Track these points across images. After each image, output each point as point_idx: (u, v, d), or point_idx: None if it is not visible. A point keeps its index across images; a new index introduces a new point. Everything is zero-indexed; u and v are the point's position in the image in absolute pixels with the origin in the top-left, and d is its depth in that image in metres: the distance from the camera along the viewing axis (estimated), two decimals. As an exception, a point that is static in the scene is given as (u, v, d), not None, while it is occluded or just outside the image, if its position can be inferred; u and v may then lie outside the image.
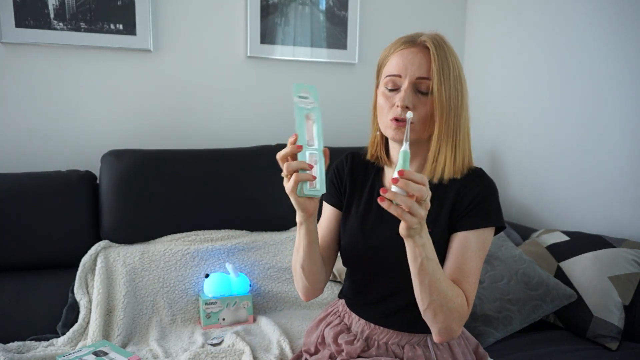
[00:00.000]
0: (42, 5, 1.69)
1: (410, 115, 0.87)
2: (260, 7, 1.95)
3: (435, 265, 0.89)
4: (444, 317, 0.92)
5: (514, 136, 2.08)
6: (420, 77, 0.96)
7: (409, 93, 0.96)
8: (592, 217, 1.77)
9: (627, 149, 1.65)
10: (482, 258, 0.99)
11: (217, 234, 1.70)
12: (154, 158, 1.69)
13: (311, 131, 0.90)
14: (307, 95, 0.91)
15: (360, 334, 1.09)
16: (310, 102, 0.90)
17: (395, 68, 0.98)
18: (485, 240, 0.99)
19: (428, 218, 1.00)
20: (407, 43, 0.99)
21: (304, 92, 0.90)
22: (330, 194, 1.15)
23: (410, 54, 0.97)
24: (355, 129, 2.11)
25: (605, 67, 1.70)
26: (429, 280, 0.89)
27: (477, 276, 0.98)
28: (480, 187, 0.99)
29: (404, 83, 0.97)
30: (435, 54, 0.94)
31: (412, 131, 0.96)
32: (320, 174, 0.88)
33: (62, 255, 1.59)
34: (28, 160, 1.75)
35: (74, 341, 1.39)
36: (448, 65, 0.95)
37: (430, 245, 0.88)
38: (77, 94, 1.80)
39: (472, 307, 0.99)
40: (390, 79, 0.98)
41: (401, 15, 2.20)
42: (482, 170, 1.04)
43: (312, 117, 0.90)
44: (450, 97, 0.95)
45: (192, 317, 1.56)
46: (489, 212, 0.98)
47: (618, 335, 1.43)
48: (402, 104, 0.95)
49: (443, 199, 1.01)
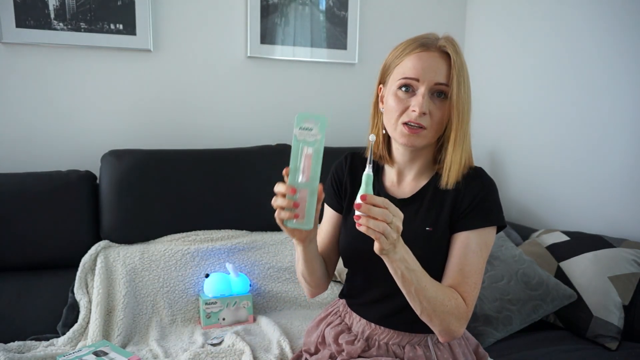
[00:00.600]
0: (43, 5, 1.69)
1: (373, 139, 0.89)
2: (260, 7, 1.96)
3: (418, 274, 0.90)
4: (440, 321, 0.94)
5: (514, 136, 2.08)
6: (439, 82, 0.96)
7: (427, 99, 0.96)
8: (592, 217, 1.77)
9: (627, 149, 1.65)
10: (485, 257, 0.99)
11: (217, 234, 1.70)
12: (154, 158, 1.69)
13: (307, 167, 0.88)
14: (312, 127, 0.88)
15: (361, 334, 1.09)
16: (313, 135, 0.87)
17: (413, 71, 0.96)
18: (487, 240, 0.99)
19: (429, 219, 1.01)
20: (425, 46, 0.97)
21: (308, 123, 0.87)
22: (330, 197, 1.15)
23: (429, 59, 0.96)
24: (355, 129, 2.11)
25: (606, 67, 1.70)
26: (415, 289, 0.90)
27: (479, 276, 0.98)
28: (480, 186, 0.99)
29: (420, 87, 0.96)
30: (456, 60, 0.95)
31: (425, 137, 0.97)
32: (309, 210, 0.88)
33: (62, 255, 1.59)
34: (28, 160, 1.75)
35: (74, 341, 1.39)
36: (464, 72, 0.96)
37: (409, 256, 0.89)
38: (77, 94, 1.80)
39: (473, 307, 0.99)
40: (407, 81, 0.97)
41: (401, 16, 2.20)
42: (482, 170, 1.04)
43: (310, 151, 0.87)
44: (465, 103, 0.96)
45: (192, 317, 1.56)
46: (489, 212, 0.99)
47: (618, 335, 1.43)
48: (420, 110, 0.95)
49: (443, 200, 1.01)
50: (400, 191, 1.07)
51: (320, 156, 0.87)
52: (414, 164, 1.05)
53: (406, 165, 1.06)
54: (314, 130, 0.88)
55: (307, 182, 0.88)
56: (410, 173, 1.06)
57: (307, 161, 0.88)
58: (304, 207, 0.87)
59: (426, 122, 0.96)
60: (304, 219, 0.88)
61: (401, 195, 1.07)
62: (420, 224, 1.01)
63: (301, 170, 0.87)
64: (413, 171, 1.06)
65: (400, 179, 1.08)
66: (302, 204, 0.87)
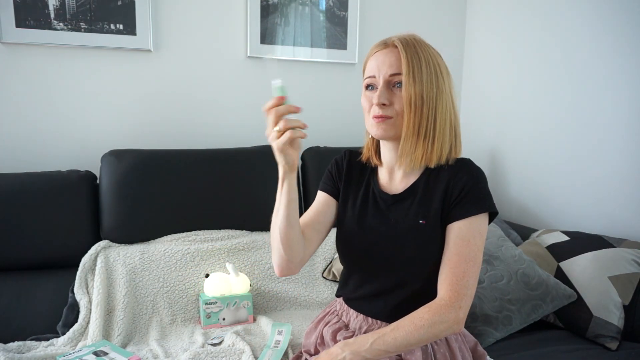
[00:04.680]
0: (43, 5, 1.69)
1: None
2: (260, 7, 1.96)
3: (381, 343, 0.93)
4: (432, 337, 0.96)
5: (514, 136, 2.08)
6: (393, 73, 1.00)
7: (383, 90, 1.00)
8: (592, 217, 1.77)
9: (627, 149, 1.65)
10: (480, 245, 1.00)
11: (217, 234, 1.70)
12: (154, 158, 1.69)
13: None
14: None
15: (359, 330, 1.10)
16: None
17: (370, 70, 1.04)
18: (480, 227, 1.01)
19: (421, 212, 1.04)
20: (380, 46, 1.04)
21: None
22: (325, 183, 1.18)
23: (382, 55, 1.02)
24: (355, 129, 2.11)
25: (605, 68, 1.70)
26: (392, 350, 0.94)
27: (474, 263, 0.99)
28: (468, 175, 1.02)
29: (379, 82, 1.02)
30: (403, 50, 0.99)
31: (393, 126, 1.01)
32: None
33: (62, 255, 1.59)
34: (28, 160, 1.75)
35: (74, 341, 1.39)
36: (419, 59, 0.99)
37: (365, 343, 0.93)
38: (77, 94, 1.80)
39: (471, 306, 0.99)
40: (368, 80, 1.04)
41: (401, 16, 2.20)
42: (470, 160, 1.07)
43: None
44: (423, 90, 0.99)
45: (192, 317, 1.56)
46: (479, 199, 1.01)
47: (618, 335, 1.43)
48: (377, 102, 1.00)
49: (434, 193, 1.04)
50: (393, 188, 1.11)
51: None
52: (392, 159, 1.09)
53: (394, 162, 1.09)
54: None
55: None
56: (399, 170, 1.09)
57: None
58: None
59: (390, 112, 1.01)
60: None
61: (394, 191, 1.10)
62: (413, 217, 1.04)
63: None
64: (402, 168, 1.08)
65: (392, 177, 1.11)
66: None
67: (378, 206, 1.10)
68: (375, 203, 1.10)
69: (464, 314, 0.97)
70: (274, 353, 1.28)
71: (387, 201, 1.09)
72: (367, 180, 1.14)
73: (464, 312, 0.97)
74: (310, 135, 2.04)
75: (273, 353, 1.28)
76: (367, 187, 1.13)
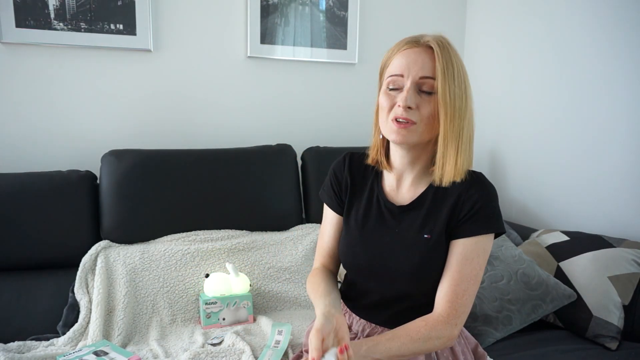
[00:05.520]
0: (43, 5, 1.69)
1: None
2: (260, 7, 1.96)
3: (374, 351, 0.92)
4: (423, 352, 0.97)
5: (514, 136, 2.09)
6: (424, 76, 0.94)
7: (411, 93, 0.94)
8: (592, 217, 1.77)
9: (627, 149, 1.65)
10: (483, 264, 0.98)
11: (217, 234, 1.70)
12: (154, 158, 1.69)
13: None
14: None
15: (362, 333, 1.09)
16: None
17: (398, 68, 0.96)
18: (485, 247, 0.98)
19: (427, 226, 1.01)
20: (410, 43, 0.97)
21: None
22: (330, 199, 1.14)
23: (414, 54, 0.95)
24: (355, 129, 2.12)
25: (606, 68, 1.71)
26: (385, 359, 0.93)
27: (474, 282, 0.97)
28: (480, 193, 0.98)
29: (406, 83, 0.95)
30: (440, 53, 0.93)
31: (415, 132, 0.95)
32: None
33: (62, 255, 1.59)
34: (28, 160, 1.75)
35: (74, 341, 1.39)
36: (452, 66, 0.93)
37: (359, 349, 0.91)
38: (77, 94, 1.80)
39: (472, 308, 0.99)
40: (393, 78, 0.97)
41: (401, 16, 2.20)
42: (482, 175, 1.03)
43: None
44: (455, 98, 0.93)
45: (192, 317, 1.56)
46: (489, 219, 0.98)
47: (618, 335, 1.43)
48: (404, 104, 0.93)
49: (442, 206, 1.00)
50: (399, 197, 1.06)
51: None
52: (412, 168, 1.04)
53: (405, 169, 1.04)
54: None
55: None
56: (408, 177, 1.05)
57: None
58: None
59: (415, 117, 0.94)
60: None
61: (400, 201, 1.05)
62: (418, 230, 1.01)
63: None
64: (411, 175, 1.04)
65: (399, 184, 1.06)
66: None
67: (383, 216, 1.05)
68: (380, 213, 1.06)
69: (459, 330, 0.97)
70: (274, 353, 1.28)
71: (392, 212, 1.04)
72: (370, 185, 1.09)
73: (458, 329, 0.97)
74: (310, 135, 2.06)
75: (273, 353, 1.28)
76: (371, 193, 1.09)
